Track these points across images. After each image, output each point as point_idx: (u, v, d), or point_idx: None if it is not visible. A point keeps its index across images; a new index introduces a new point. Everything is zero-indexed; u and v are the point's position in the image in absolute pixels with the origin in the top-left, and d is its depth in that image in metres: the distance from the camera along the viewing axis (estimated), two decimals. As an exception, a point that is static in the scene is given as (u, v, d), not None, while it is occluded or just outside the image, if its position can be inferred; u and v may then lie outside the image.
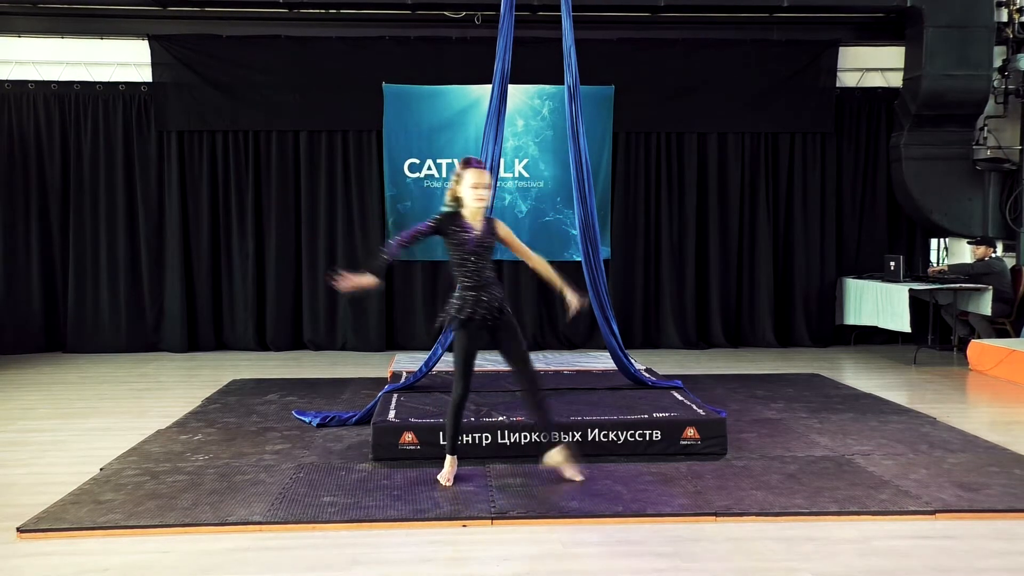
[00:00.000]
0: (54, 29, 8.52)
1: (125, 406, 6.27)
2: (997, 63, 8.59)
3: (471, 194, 4.24)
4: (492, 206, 5.56)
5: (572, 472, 4.38)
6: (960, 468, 4.61)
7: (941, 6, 8.27)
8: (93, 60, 8.58)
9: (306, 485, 4.31)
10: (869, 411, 6.00)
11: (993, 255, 8.35)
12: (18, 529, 3.73)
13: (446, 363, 6.36)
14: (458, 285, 4.29)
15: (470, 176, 4.25)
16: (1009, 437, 5.29)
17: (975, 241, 8.44)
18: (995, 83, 8.58)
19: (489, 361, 6.96)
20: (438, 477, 4.36)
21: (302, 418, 5.66)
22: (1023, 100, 8.71)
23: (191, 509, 3.96)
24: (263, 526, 3.79)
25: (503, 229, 4.35)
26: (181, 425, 5.55)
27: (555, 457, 4.36)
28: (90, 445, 5.12)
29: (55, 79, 8.55)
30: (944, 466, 4.65)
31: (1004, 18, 8.59)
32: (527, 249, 4.45)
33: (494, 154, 5.49)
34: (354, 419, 5.53)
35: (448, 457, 4.38)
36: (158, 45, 8.48)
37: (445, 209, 4.32)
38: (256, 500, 4.07)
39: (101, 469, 4.56)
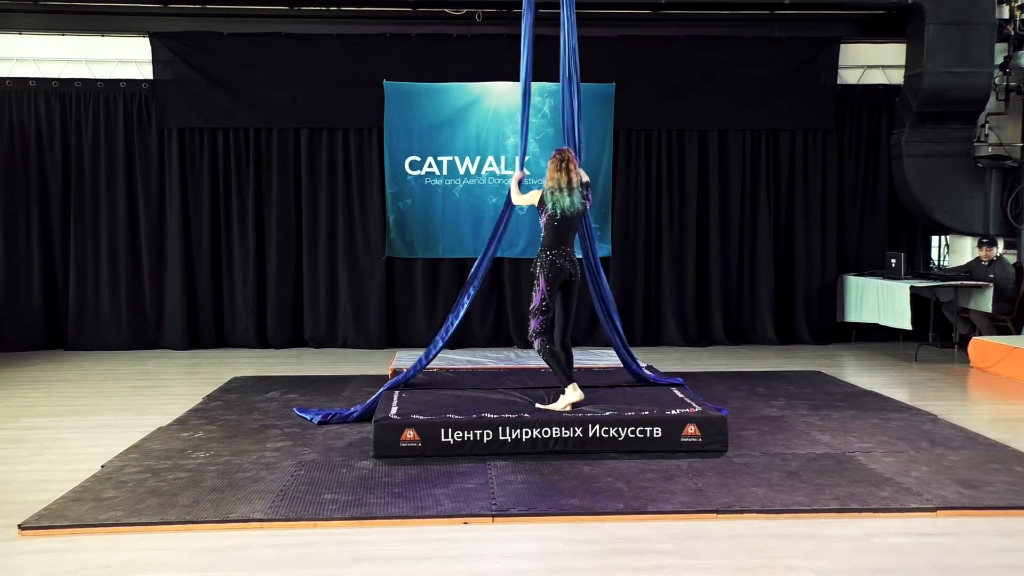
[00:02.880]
0: (55, 26, 8.52)
1: (126, 403, 6.27)
2: (998, 60, 8.58)
3: None
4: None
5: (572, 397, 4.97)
6: (961, 465, 4.61)
7: (942, 3, 8.25)
8: (94, 57, 8.57)
9: (307, 482, 4.31)
10: (870, 408, 6.00)
11: (997, 253, 8.33)
12: (19, 526, 3.74)
13: (445, 359, 6.40)
14: None
15: None
16: (1010, 434, 5.29)
17: (986, 243, 8.37)
18: (996, 80, 8.56)
19: (491, 359, 6.99)
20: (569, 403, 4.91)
21: (304, 415, 5.66)
22: (1024, 97, 8.71)
23: (192, 506, 3.96)
24: (264, 523, 3.79)
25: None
26: (182, 422, 5.56)
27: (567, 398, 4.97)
28: (91, 442, 5.12)
29: (56, 76, 8.54)
30: (945, 463, 4.65)
31: (1005, 15, 8.57)
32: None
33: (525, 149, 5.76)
34: (355, 415, 5.53)
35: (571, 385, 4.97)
36: (159, 42, 8.47)
37: None
38: (257, 497, 4.07)
39: (102, 466, 4.57)
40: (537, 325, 5.04)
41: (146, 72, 8.56)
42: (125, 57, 8.56)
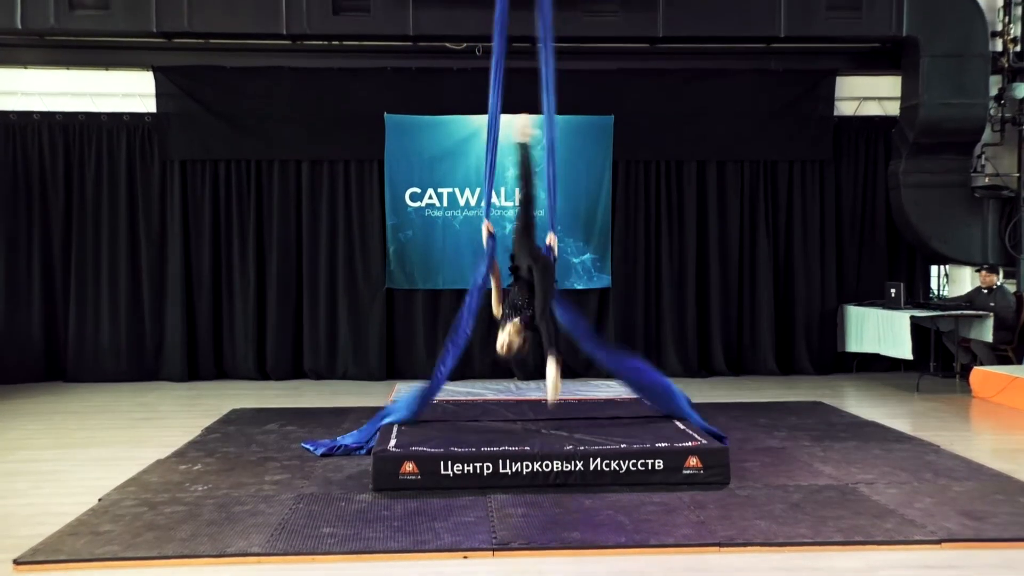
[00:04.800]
0: (59, 61, 8.61)
1: (125, 436, 6.24)
2: (993, 92, 8.67)
3: None
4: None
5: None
6: (965, 496, 4.57)
7: (937, 36, 8.36)
8: (98, 91, 8.66)
9: (305, 516, 4.27)
10: (873, 439, 5.96)
11: (998, 283, 8.34)
12: (14, 561, 3.70)
13: (445, 391, 6.35)
14: None
15: None
16: (1014, 465, 5.25)
17: (986, 268, 8.41)
18: (991, 111, 8.65)
19: (490, 390, 6.97)
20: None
21: (308, 447, 5.63)
22: (1020, 128, 8.78)
23: (189, 540, 3.92)
24: (262, 558, 3.75)
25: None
26: (180, 455, 5.52)
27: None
28: (89, 475, 5.08)
29: (60, 110, 8.62)
30: (949, 494, 4.61)
31: (999, 47, 8.68)
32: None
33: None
34: (360, 449, 5.47)
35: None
36: (162, 76, 8.57)
37: None
38: (255, 531, 4.04)
39: (100, 500, 4.53)
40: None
41: (149, 105, 8.64)
42: (129, 91, 8.66)
